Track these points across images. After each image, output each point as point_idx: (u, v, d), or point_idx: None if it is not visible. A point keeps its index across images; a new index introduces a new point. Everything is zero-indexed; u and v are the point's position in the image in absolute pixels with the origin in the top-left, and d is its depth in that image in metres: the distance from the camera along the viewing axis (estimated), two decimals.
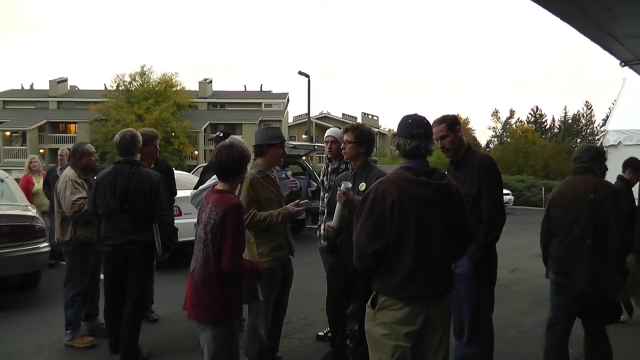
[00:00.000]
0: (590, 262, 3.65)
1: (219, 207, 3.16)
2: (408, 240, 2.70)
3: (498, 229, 3.73)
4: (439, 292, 2.80)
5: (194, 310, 3.27)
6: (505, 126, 64.66)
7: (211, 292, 3.20)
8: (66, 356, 4.91)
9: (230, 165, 3.31)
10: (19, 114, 49.95)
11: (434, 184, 2.78)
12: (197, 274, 3.23)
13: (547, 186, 29.72)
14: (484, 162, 3.78)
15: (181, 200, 6.88)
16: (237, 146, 3.40)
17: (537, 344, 5.18)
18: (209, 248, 3.16)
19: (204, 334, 3.29)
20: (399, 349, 2.74)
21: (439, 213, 2.76)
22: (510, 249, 11.00)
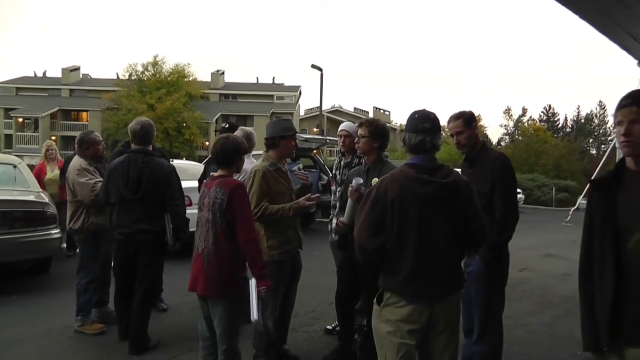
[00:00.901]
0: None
1: (224, 188, 3.46)
2: (409, 238, 2.68)
3: (510, 228, 3.70)
4: (442, 292, 2.76)
5: (207, 286, 3.49)
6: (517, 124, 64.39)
7: (222, 266, 3.45)
8: (76, 341, 4.95)
9: (225, 154, 3.59)
10: (31, 101, 50.25)
11: (437, 182, 2.73)
12: (209, 251, 3.47)
13: (558, 186, 29.64)
14: (498, 160, 3.75)
15: (192, 190, 6.91)
16: (232, 137, 3.70)
17: (544, 345, 5.19)
18: (218, 226, 3.45)
19: (217, 308, 3.49)
20: (403, 347, 2.73)
21: (441, 212, 2.72)
22: (520, 248, 10.89)
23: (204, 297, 3.55)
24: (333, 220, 4.84)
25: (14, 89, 54.25)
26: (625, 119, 2.19)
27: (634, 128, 2.16)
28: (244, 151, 3.69)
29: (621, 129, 2.22)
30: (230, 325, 3.50)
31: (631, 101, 2.20)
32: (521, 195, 25.30)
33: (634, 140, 2.17)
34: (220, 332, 3.50)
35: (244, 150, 3.70)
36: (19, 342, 4.90)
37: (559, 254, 11.16)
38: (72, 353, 4.68)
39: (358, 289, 4.49)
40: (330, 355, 4.55)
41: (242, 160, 3.72)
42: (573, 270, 8.07)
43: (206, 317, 3.57)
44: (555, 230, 16.09)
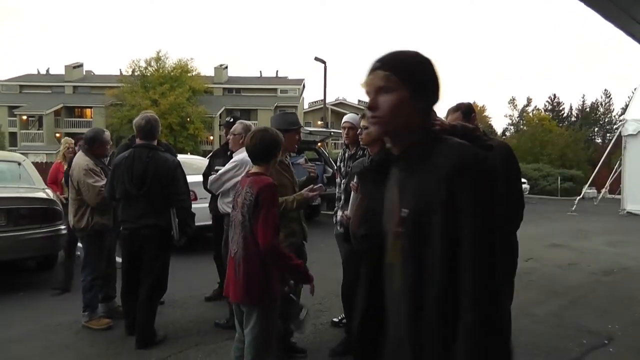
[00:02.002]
0: None
1: (253, 187, 3.21)
2: None
3: (516, 217, 3.67)
4: None
5: (238, 293, 3.28)
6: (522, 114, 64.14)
7: (253, 272, 3.21)
8: (83, 337, 4.97)
9: (263, 148, 3.35)
10: (35, 99, 50.36)
11: None
12: (239, 256, 3.25)
13: (563, 175, 29.54)
14: (499, 150, 3.70)
15: (197, 185, 6.91)
16: (271, 130, 3.44)
17: (550, 334, 5.19)
18: (247, 229, 3.20)
19: (249, 316, 3.28)
20: None
21: None
22: (525, 238, 10.83)
23: (236, 303, 3.37)
24: (338, 212, 4.83)
25: (18, 86, 54.33)
26: (370, 88, 1.65)
27: (381, 99, 1.62)
28: (282, 145, 3.48)
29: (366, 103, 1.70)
30: (259, 335, 3.25)
31: (379, 64, 1.64)
32: (526, 185, 25.23)
33: (381, 114, 1.61)
34: (249, 340, 3.29)
35: (282, 144, 3.50)
36: (27, 337, 4.93)
37: (565, 243, 11.15)
38: (79, 348, 4.70)
39: None
40: (337, 347, 4.57)
41: (279, 155, 3.54)
42: (579, 260, 8.16)
43: (240, 322, 3.39)
44: (560, 220, 16.05)
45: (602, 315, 5.87)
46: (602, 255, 9.87)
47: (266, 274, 3.22)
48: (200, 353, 4.56)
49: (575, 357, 4.64)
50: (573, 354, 4.72)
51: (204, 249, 7.23)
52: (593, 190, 23.12)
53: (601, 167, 19.72)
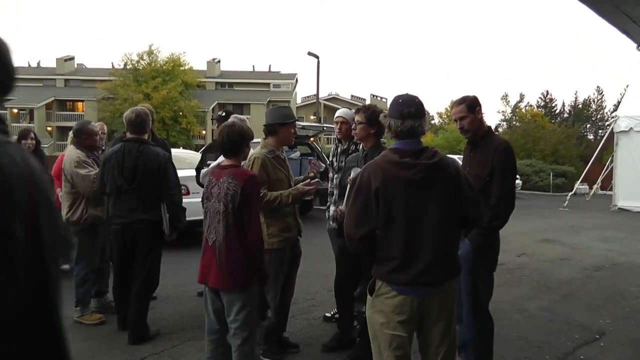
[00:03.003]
0: None
1: (237, 179, 3.29)
2: (397, 225, 2.61)
3: (503, 216, 3.65)
4: (434, 280, 2.65)
5: (222, 280, 3.35)
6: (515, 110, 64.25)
7: (235, 259, 3.30)
8: (75, 332, 4.94)
9: (232, 142, 3.46)
10: (26, 92, 49.92)
11: (421, 164, 2.64)
12: (219, 244, 3.33)
13: (556, 171, 29.62)
14: (500, 147, 3.70)
15: (189, 179, 6.89)
16: (237, 125, 3.54)
17: (542, 329, 5.21)
18: (230, 218, 3.28)
19: (232, 302, 3.35)
20: (396, 338, 2.67)
21: (430, 194, 2.63)
22: (517, 234, 10.99)
23: (215, 290, 3.41)
24: (331, 207, 4.83)
25: None
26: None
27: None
28: (250, 138, 3.57)
29: None
30: (247, 319, 3.35)
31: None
32: (519, 181, 25.25)
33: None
34: (236, 326, 3.35)
35: (251, 137, 3.58)
36: None
37: (557, 239, 11.19)
38: (71, 343, 4.59)
39: (357, 276, 4.48)
40: (329, 342, 4.57)
41: (249, 148, 3.62)
42: (571, 256, 8.18)
43: (215, 310, 3.43)
44: (552, 216, 16.10)
45: (593, 310, 5.90)
46: (593, 250, 9.91)
47: (247, 258, 3.33)
48: (193, 348, 4.55)
49: (567, 352, 4.66)
50: (565, 348, 4.74)
51: (196, 243, 7.18)
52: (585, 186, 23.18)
53: (593, 163, 19.74)
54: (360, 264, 4.30)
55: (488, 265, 3.77)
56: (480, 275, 3.68)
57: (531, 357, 4.54)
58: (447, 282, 2.74)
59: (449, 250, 2.73)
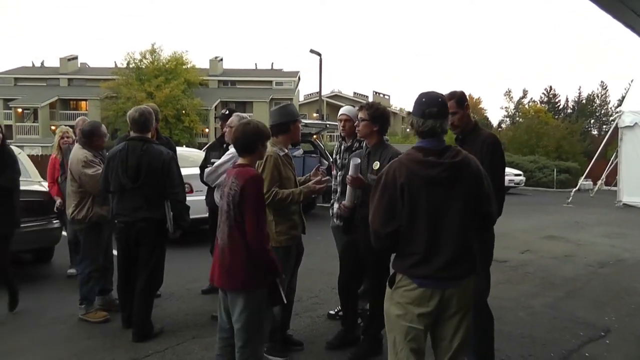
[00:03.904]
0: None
1: (238, 179, 3.28)
2: (421, 222, 2.67)
3: (499, 209, 3.61)
4: (454, 275, 2.72)
5: (224, 279, 3.35)
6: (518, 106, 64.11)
7: (238, 259, 3.29)
8: (80, 330, 4.96)
9: (247, 141, 3.41)
10: (30, 91, 50.19)
11: (445, 163, 2.69)
12: (223, 243, 3.34)
13: (559, 167, 29.52)
14: (487, 140, 3.72)
15: (192, 177, 6.89)
16: (253, 123, 3.49)
17: (546, 326, 5.20)
18: (232, 218, 3.28)
19: (234, 302, 3.34)
20: (412, 331, 2.72)
21: (453, 192, 2.69)
22: (520, 231, 10.99)
23: (223, 289, 3.41)
24: (334, 205, 4.83)
25: (13, 79, 54.12)
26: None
27: None
28: (267, 137, 3.55)
29: None
30: (248, 321, 3.31)
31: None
32: (522, 177, 25.22)
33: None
34: (238, 327, 3.34)
35: (267, 136, 3.56)
36: (23, 331, 4.92)
37: (561, 235, 11.17)
38: (76, 341, 4.68)
39: (361, 274, 4.49)
40: (333, 340, 4.56)
41: (265, 147, 3.58)
42: (575, 252, 8.17)
43: (226, 309, 3.43)
44: (556, 212, 16.06)
45: (598, 307, 5.89)
46: (598, 247, 9.89)
47: (251, 260, 3.29)
48: (197, 346, 4.55)
49: (571, 349, 4.65)
50: (569, 345, 4.73)
51: (199, 241, 7.23)
52: (589, 182, 23.14)
53: (597, 159, 19.70)
54: (364, 262, 4.30)
55: (485, 259, 3.76)
56: (479, 270, 3.67)
57: (535, 354, 4.53)
58: (466, 277, 2.79)
59: (468, 246, 2.80)
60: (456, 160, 2.72)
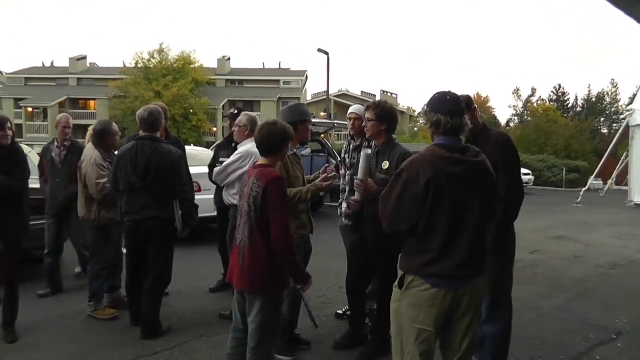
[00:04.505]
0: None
1: (260, 180, 3.24)
2: (440, 219, 2.65)
3: (516, 207, 3.67)
4: (468, 274, 2.71)
5: (242, 281, 3.32)
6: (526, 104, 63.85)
7: (258, 262, 3.26)
8: (88, 326, 4.98)
9: (272, 141, 3.39)
10: (40, 91, 50.46)
11: (469, 160, 2.70)
12: (243, 245, 3.30)
13: (568, 166, 29.37)
14: (499, 139, 3.73)
15: (200, 176, 6.90)
16: (280, 124, 3.46)
17: (556, 328, 5.15)
18: (253, 220, 3.25)
19: (252, 304, 3.32)
20: (423, 333, 2.70)
21: (473, 192, 2.69)
22: (529, 231, 10.91)
23: (240, 290, 3.40)
24: (343, 204, 4.80)
25: (23, 79, 54.49)
26: None
27: None
28: (291, 138, 3.53)
29: None
30: (263, 323, 3.30)
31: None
32: (531, 177, 25.12)
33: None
34: (252, 328, 3.34)
35: (291, 136, 3.54)
36: (32, 327, 4.93)
37: (570, 235, 11.10)
38: (84, 337, 4.70)
39: (369, 273, 4.47)
40: (341, 339, 4.55)
41: (288, 149, 3.57)
42: (585, 253, 8.09)
43: (240, 310, 3.43)
44: (565, 212, 15.98)
45: (609, 309, 5.82)
46: (608, 247, 9.82)
47: (271, 263, 3.27)
48: (205, 344, 4.55)
49: (582, 352, 4.61)
50: (580, 348, 4.68)
51: (207, 240, 7.23)
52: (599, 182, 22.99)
53: (607, 157, 19.54)
54: (372, 261, 4.28)
55: (507, 260, 3.78)
56: (502, 266, 3.68)
57: (545, 356, 4.50)
58: (478, 277, 2.79)
59: (483, 246, 2.79)
60: (478, 159, 2.74)
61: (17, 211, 4.58)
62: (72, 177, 5.67)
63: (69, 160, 5.87)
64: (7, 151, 4.48)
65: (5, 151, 4.46)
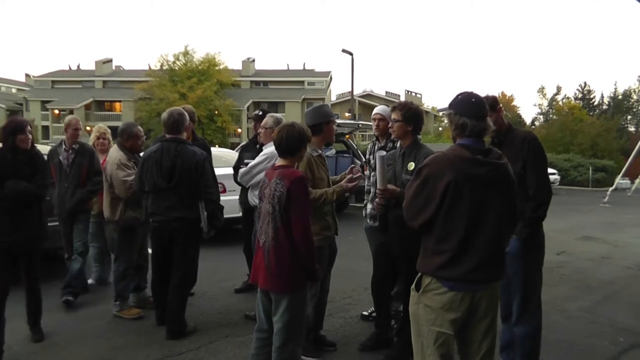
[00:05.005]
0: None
1: (284, 180, 3.28)
2: (458, 220, 2.62)
3: (546, 204, 3.65)
4: (486, 278, 2.68)
5: (268, 281, 3.35)
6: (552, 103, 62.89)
7: (285, 262, 3.29)
8: (114, 326, 5.04)
9: (290, 143, 3.42)
10: (66, 93, 51.37)
11: (492, 163, 2.68)
12: (268, 245, 3.33)
13: (595, 165, 28.94)
14: (527, 138, 3.71)
15: (225, 177, 6.94)
16: (298, 126, 3.49)
17: (584, 331, 5.07)
18: (277, 220, 3.29)
19: (278, 304, 3.36)
20: (442, 336, 2.69)
21: (494, 194, 2.66)
22: (556, 231, 10.76)
23: (265, 291, 3.43)
24: (368, 205, 4.79)
25: (50, 82, 55.63)
26: None
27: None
28: (309, 140, 3.56)
29: None
30: (289, 322, 3.34)
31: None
32: (556, 176, 24.82)
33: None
34: (278, 328, 3.37)
35: (309, 138, 3.56)
36: (59, 325, 5.00)
37: (598, 236, 10.93)
38: (110, 337, 4.75)
39: (394, 275, 4.45)
40: (367, 341, 4.54)
41: (305, 150, 3.60)
42: (613, 254, 7.97)
43: (265, 311, 3.46)
44: (592, 212, 15.75)
45: (638, 312, 5.72)
46: (637, 248, 9.64)
47: (297, 262, 3.30)
48: (230, 345, 4.58)
49: (611, 356, 4.53)
50: (609, 352, 4.60)
51: (233, 241, 7.26)
52: (626, 181, 22.63)
53: (635, 156, 19.21)
54: (397, 263, 4.26)
55: (537, 260, 3.75)
56: (532, 266, 3.67)
57: None
58: (497, 280, 2.77)
59: (501, 249, 2.76)
60: (501, 162, 2.72)
61: (36, 218, 4.51)
62: (80, 181, 5.57)
63: (78, 164, 5.61)
64: (27, 155, 4.43)
65: (25, 155, 4.42)
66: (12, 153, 4.33)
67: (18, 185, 4.28)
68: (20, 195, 4.32)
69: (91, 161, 5.65)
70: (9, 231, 4.30)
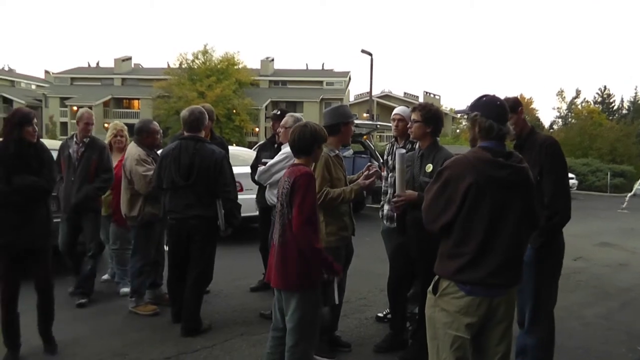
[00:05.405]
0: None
1: (290, 177, 3.31)
2: (477, 223, 2.61)
3: (562, 213, 3.52)
4: (503, 283, 2.67)
5: (278, 279, 3.36)
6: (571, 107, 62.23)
7: (291, 259, 3.29)
8: (130, 322, 5.08)
9: (302, 143, 3.43)
10: (85, 90, 51.88)
11: (513, 166, 2.67)
12: (277, 243, 3.35)
13: (614, 170, 28.61)
14: (545, 143, 3.62)
15: (243, 176, 6.96)
16: (310, 125, 3.49)
17: (601, 338, 5.01)
18: (285, 217, 3.30)
19: (288, 302, 3.36)
20: (458, 340, 2.67)
21: (515, 197, 2.65)
22: (573, 236, 10.53)
23: (279, 289, 3.43)
24: (385, 206, 4.79)
25: (69, 79, 56.18)
26: None
27: None
28: (322, 139, 3.53)
29: None
30: (300, 322, 3.33)
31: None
32: (574, 181, 24.57)
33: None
34: (290, 327, 3.37)
35: (323, 138, 3.53)
36: (75, 321, 5.05)
37: (615, 242, 10.81)
38: (126, 333, 4.79)
39: (410, 277, 4.44)
40: (382, 343, 4.53)
41: (321, 150, 3.59)
42: (630, 260, 7.88)
43: (280, 309, 3.46)
44: (610, 218, 15.57)
45: None
46: None
47: (304, 260, 3.29)
48: (245, 343, 4.59)
49: None
50: (626, 359, 4.55)
51: (249, 239, 7.28)
52: None
53: None
54: (414, 265, 4.25)
55: (550, 270, 3.65)
56: (543, 277, 3.58)
57: None
58: (515, 285, 2.76)
59: (520, 254, 2.75)
60: (522, 165, 2.71)
61: (44, 215, 4.25)
62: (88, 176, 5.45)
63: (87, 158, 5.49)
64: (33, 149, 4.15)
65: (32, 149, 4.14)
66: (19, 146, 4.02)
67: (26, 179, 4.01)
68: (29, 190, 4.05)
69: (101, 156, 5.53)
70: (16, 229, 4.02)
